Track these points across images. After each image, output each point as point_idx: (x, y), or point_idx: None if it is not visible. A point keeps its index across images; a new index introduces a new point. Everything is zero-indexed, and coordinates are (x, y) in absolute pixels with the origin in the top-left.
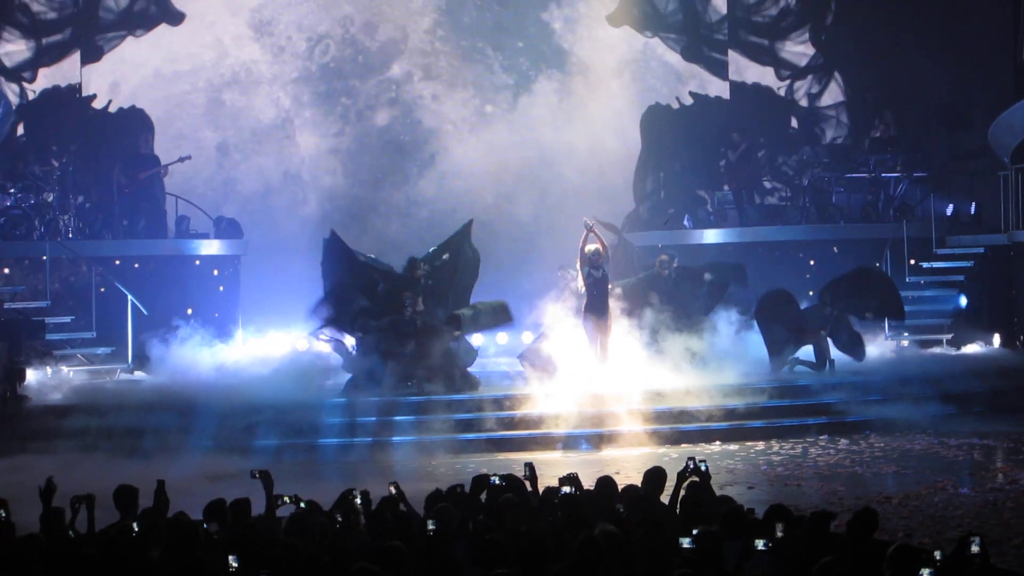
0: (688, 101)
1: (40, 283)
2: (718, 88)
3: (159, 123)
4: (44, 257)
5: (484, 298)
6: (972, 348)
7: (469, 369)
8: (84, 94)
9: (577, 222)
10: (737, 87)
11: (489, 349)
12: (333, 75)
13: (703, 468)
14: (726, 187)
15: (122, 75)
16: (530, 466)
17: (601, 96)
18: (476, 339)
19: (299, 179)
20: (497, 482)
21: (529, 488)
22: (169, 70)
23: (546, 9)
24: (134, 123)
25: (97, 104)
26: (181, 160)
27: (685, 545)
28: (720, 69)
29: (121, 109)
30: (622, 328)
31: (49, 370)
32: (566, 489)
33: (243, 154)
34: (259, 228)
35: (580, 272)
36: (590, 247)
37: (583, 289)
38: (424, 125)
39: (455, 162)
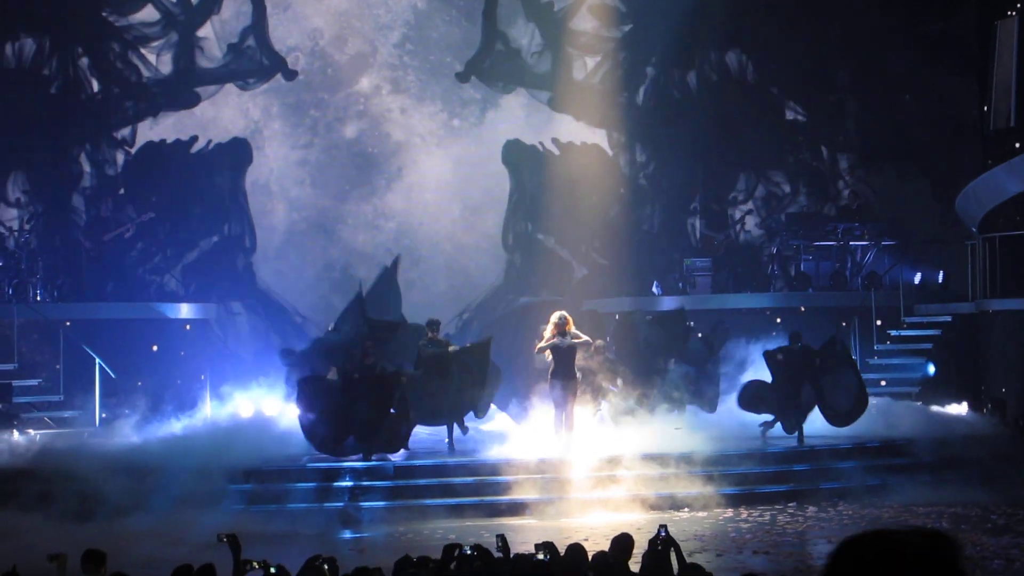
0: None
1: (8, 346)
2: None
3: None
4: (12, 320)
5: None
6: (946, 408)
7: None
8: None
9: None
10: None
11: None
12: (302, 87)
13: (669, 534)
14: (695, 259)
15: None
16: (502, 537)
17: (567, 111)
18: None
19: (267, 189)
20: (468, 551)
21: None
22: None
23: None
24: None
25: None
26: (143, 218)
27: None
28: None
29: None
30: (588, 396)
31: (15, 433)
32: (540, 556)
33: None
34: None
35: (545, 340)
36: (557, 314)
37: (549, 357)
38: (392, 138)
39: (423, 175)
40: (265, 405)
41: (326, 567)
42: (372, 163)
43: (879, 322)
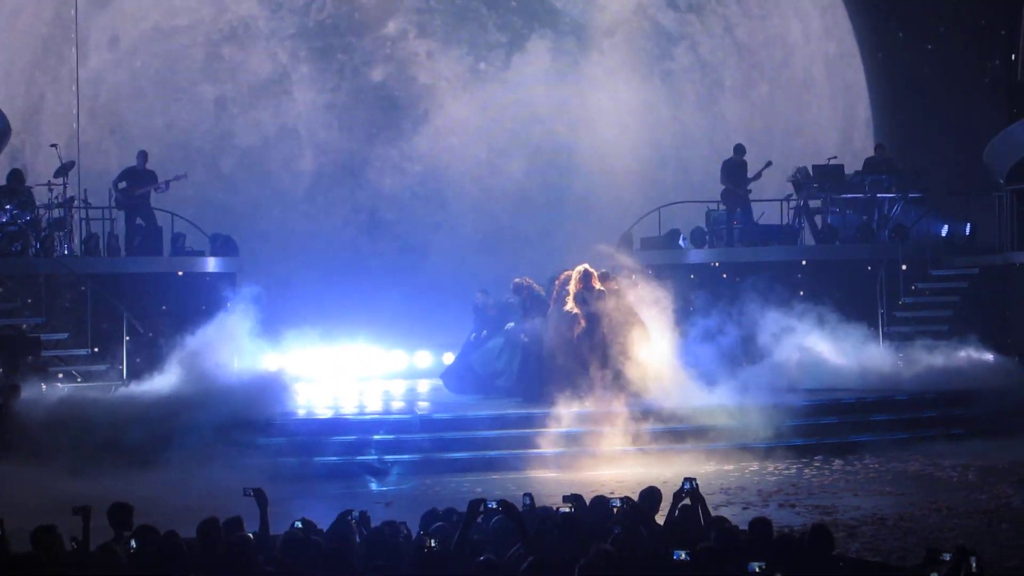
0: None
1: (36, 300)
2: (710, 47)
3: (158, 74)
4: (39, 273)
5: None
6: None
7: None
8: (83, 48)
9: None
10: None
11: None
12: (330, 31)
13: (695, 487)
14: (720, 206)
15: (122, 29)
16: (530, 496)
17: (592, 55)
18: None
19: (295, 133)
20: (493, 506)
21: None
22: (168, 24)
23: None
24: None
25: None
26: (177, 179)
27: (681, 558)
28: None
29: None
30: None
31: (44, 386)
32: (564, 508)
33: (240, 108)
34: (255, 182)
35: (571, 295)
36: (579, 268)
37: (576, 311)
38: (418, 82)
39: (449, 118)
40: (292, 358)
41: (355, 522)
42: (398, 107)
43: (904, 267)
